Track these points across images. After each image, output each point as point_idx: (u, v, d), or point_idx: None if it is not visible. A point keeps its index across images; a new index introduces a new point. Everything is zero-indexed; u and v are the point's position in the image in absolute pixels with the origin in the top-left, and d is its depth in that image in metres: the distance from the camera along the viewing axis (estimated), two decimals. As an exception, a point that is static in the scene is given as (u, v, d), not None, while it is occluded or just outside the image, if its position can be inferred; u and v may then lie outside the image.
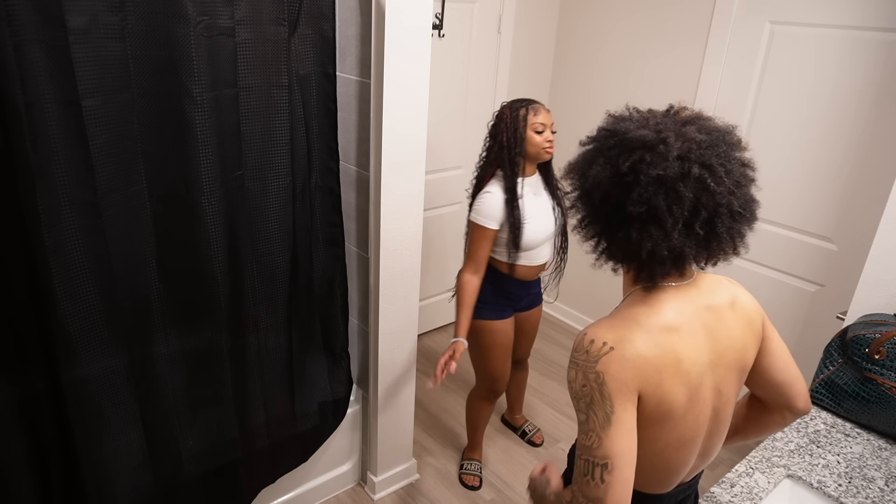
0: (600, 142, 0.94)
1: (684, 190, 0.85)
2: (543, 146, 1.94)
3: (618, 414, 0.88)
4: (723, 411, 1.03)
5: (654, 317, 0.93)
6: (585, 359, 0.91)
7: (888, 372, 1.45)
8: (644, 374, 0.89)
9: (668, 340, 0.91)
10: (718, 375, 0.99)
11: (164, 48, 1.38)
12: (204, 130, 1.46)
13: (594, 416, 0.89)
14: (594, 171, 0.92)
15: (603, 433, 0.88)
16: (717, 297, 1.01)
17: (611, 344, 0.89)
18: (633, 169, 0.87)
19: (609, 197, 0.90)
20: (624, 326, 0.92)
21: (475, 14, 2.94)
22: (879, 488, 1.33)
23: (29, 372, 1.38)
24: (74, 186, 1.32)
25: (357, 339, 2.19)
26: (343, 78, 1.89)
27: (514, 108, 1.94)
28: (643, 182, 0.86)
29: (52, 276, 1.31)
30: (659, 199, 0.86)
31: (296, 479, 2.13)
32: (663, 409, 0.92)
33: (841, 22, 2.29)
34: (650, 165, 0.86)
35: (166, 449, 1.64)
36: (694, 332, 0.95)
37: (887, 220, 1.60)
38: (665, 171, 0.85)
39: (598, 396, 0.89)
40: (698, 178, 0.85)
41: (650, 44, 2.91)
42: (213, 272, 1.58)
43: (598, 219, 0.94)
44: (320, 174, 1.84)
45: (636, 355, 0.89)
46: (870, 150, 2.31)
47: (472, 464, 2.44)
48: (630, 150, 0.88)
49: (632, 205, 0.87)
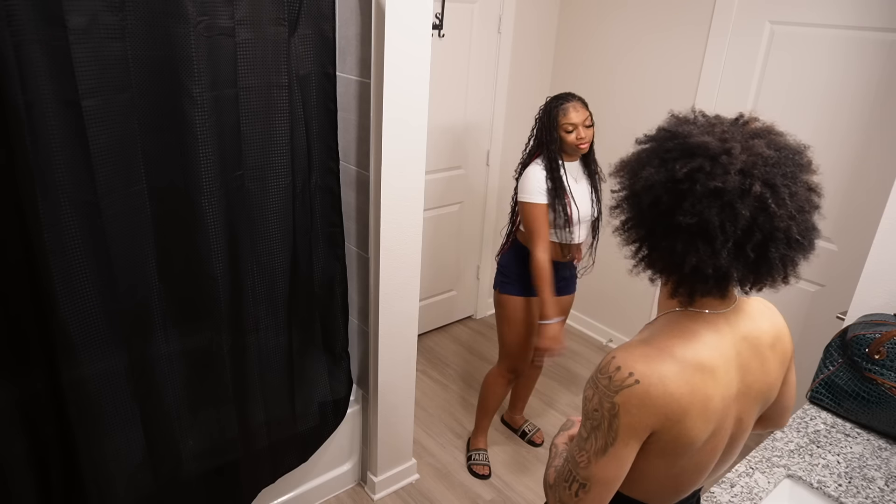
0: (658, 142, 0.87)
1: (741, 207, 0.79)
2: (575, 144, 2.02)
3: (617, 448, 0.86)
4: (739, 438, 1.01)
5: (691, 351, 0.87)
6: (607, 385, 0.86)
7: (888, 372, 1.45)
8: (666, 412, 0.85)
9: (701, 380, 0.87)
10: (742, 406, 0.96)
11: (164, 48, 1.38)
12: (204, 130, 1.46)
13: (593, 441, 0.88)
14: (647, 172, 0.85)
15: (594, 458, 0.88)
16: (758, 328, 0.96)
17: (637, 377, 0.84)
18: (689, 176, 0.81)
19: (659, 202, 0.84)
20: (658, 359, 0.86)
21: (475, 14, 2.94)
22: (879, 488, 1.33)
23: (29, 372, 1.38)
24: (74, 186, 1.32)
25: (357, 339, 2.19)
26: (343, 78, 1.89)
27: (549, 107, 2.05)
28: (698, 192, 0.80)
29: (52, 276, 1.31)
30: (712, 214, 0.79)
31: (296, 479, 2.13)
32: (683, 442, 0.89)
33: (841, 22, 2.29)
34: (709, 176, 0.79)
35: (166, 449, 1.64)
36: (728, 370, 0.91)
37: (887, 220, 1.60)
38: (724, 185, 0.79)
39: (605, 426, 0.86)
40: (759, 196, 0.79)
41: (650, 43, 2.91)
42: (213, 272, 1.58)
43: (643, 223, 0.88)
44: (320, 174, 1.84)
45: (663, 392, 0.84)
46: (870, 151, 2.31)
47: (480, 453, 2.49)
48: (690, 155, 0.82)
49: (682, 215, 0.81)
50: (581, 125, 2.01)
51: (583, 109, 2.02)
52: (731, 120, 0.89)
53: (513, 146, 3.37)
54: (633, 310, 3.25)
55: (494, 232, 3.49)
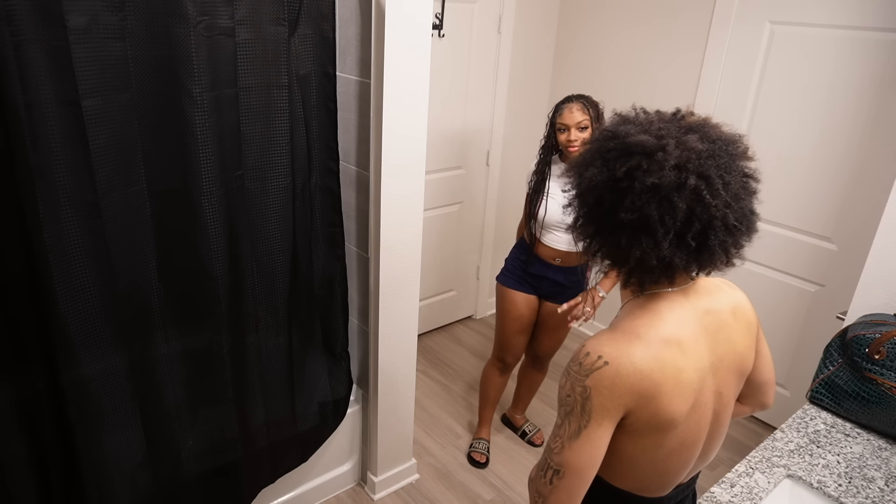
0: (601, 143, 0.92)
1: (678, 200, 0.84)
2: (564, 144, 2.06)
3: (590, 429, 0.89)
4: (723, 414, 1.03)
5: (654, 328, 0.92)
6: (577, 370, 0.90)
7: (888, 372, 1.45)
8: (639, 389, 0.88)
9: (669, 353, 0.90)
10: (719, 379, 0.99)
11: (164, 48, 1.38)
12: (204, 130, 1.46)
13: (567, 425, 0.91)
14: (590, 172, 0.90)
15: (568, 443, 0.90)
16: (717, 301, 1.00)
17: (606, 359, 0.88)
18: (628, 175, 0.86)
19: (602, 201, 0.89)
20: (623, 340, 0.91)
21: (475, 14, 2.94)
22: (879, 488, 1.33)
23: (29, 372, 1.38)
24: (74, 186, 1.32)
25: (357, 339, 2.19)
26: (343, 78, 1.89)
27: (554, 108, 2.10)
28: (637, 189, 0.85)
29: (52, 275, 1.31)
30: (651, 209, 0.84)
31: (296, 479, 2.13)
32: (663, 419, 0.91)
33: (841, 22, 2.29)
34: (646, 173, 0.84)
35: (166, 449, 1.64)
36: (696, 341, 0.94)
37: (887, 220, 1.60)
38: (660, 180, 0.84)
39: (577, 409, 0.89)
40: (694, 189, 0.84)
41: (650, 43, 2.91)
42: (213, 272, 1.58)
43: (591, 221, 0.93)
44: (320, 174, 1.84)
45: (632, 370, 0.88)
46: (869, 150, 2.31)
47: (480, 442, 2.54)
48: (628, 154, 0.87)
49: (624, 212, 0.86)
50: (574, 127, 2.02)
51: (580, 112, 2.02)
52: (669, 116, 0.94)
53: (513, 146, 3.37)
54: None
55: (494, 232, 3.49)
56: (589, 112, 2.04)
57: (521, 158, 3.39)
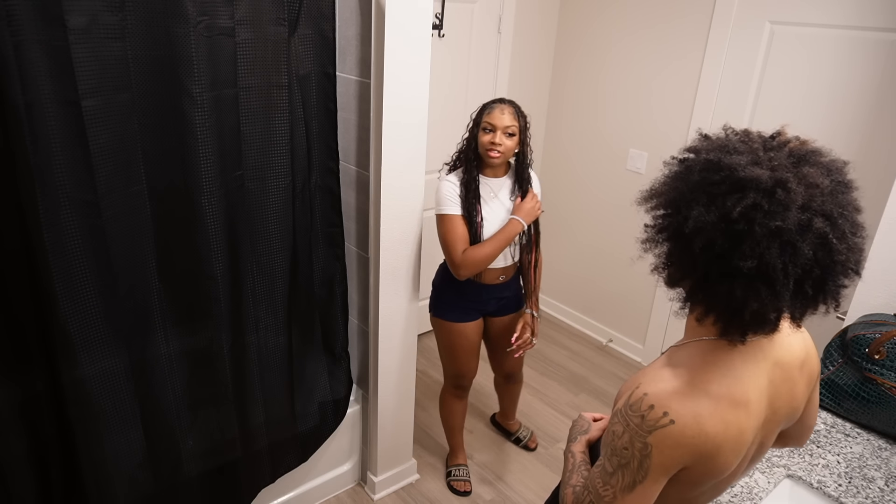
0: (703, 175, 0.79)
1: (803, 246, 0.73)
2: (486, 147, 1.87)
3: (646, 485, 0.84)
4: (756, 459, 0.99)
5: (726, 386, 0.83)
6: (639, 424, 0.83)
7: (888, 372, 1.45)
8: (701, 450, 0.82)
9: (735, 416, 0.84)
10: (767, 430, 0.93)
11: (164, 48, 1.38)
12: (204, 130, 1.46)
13: (620, 477, 0.85)
14: (697, 212, 0.77)
15: (621, 495, 0.85)
16: (788, 351, 0.92)
17: (672, 416, 0.80)
18: (745, 216, 0.73)
19: (713, 245, 0.76)
20: (691, 396, 0.82)
21: (475, 14, 2.94)
22: (879, 488, 1.33)
23: (29, 372, 1.38)
24: (74, 186, 1.32)
25: (357, 339, 2.19)
26: (343, 78, 1.89)
27: (482, 106, 1.92)
28: (758, 234, 0.73)
29: (52, 275, 1.31)
30: (773, 255, 0.73)
31: (296, 479, 2.13)
32: (713, 474, 0.87)
33: (841, 22, 2.29)
34: (767, 215, 0.73)
35: (166, 449, 1.64)
36: (760, 400, 0.88)
37: (887, 221, 1.60)
38: (784, 223, 0.72)
39: (635, 465, 0.84)
40: (820, 232, 0.73)
41: (650, 43, 2.91)
42: (213, 272, 1.58)
43: (695, 267, 0.80)
44: (320, 174, 1.84)
45: (698, 433, 0.81)
46: (869, 151, 2.31)
47: (460, 469, 2.40)
48: (741, 189, 0.75)
49: (741, 259, 0.74)
50: (501, 130, 1.85)
51: (511, 117, 1.86)
52: (768, 138, 0.83)
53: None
54: (632, 310, 3.25)
55: (494, 232, 3.49)
56: (518, 121, 1.88)
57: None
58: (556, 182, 3.49)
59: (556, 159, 3.47)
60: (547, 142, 3.52)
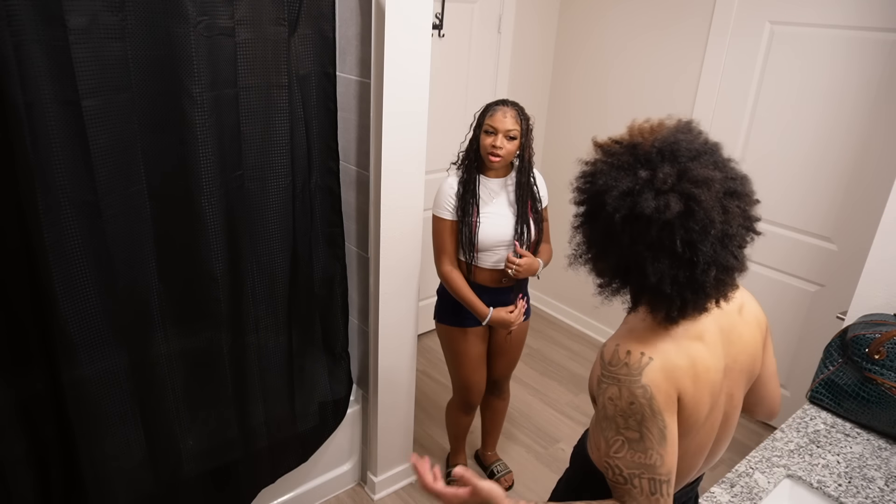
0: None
1: (730, 208, 0.82)
2: (487, 150, 1.85)
3: (669, 427, 0.86)
4: (732, 416, 1.02)
5: (682, 328, 0.90)
6: (627, 372, 0.86)
7: (888, 372, 1.45)
8: (680, 385, 0.86)
9: (695, 349, 0.89)
10: (731, 380, 0.98)
11: (164, 48, 1.38)
12: (204, 130, 1.46)
13: (649, 434, 0.86)
14: (609, 198, 0.85)
15: (662, 450, 0.86)
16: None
17: (649, 354, 0.86)
18: (684, 242, 0.82)
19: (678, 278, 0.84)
20: (654, 336, 0.88)
21: (475, 14, 2.94)
22: (879, 488, 1.33)
23: (29, 372, 1.38)
24: (74, 186, 1.32)
25: (357, 339, 2.19)
26: (343, 78, 1.89)
27: (484, 107, 1.90)
28: (705, 248, 0.81)
29: (52, 275, 1.31)
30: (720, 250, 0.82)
31: (296, 479, 2.13)
32: (693, 418, 0.90)
33: (841, 22, 2.29)
34: (697, 231, 0.81)
35: (166, 449, 1.64)
36: (714, 342, 0.93)
37: (887, 220, 1.60)
38: (713, 224, 0.81)
39: (649, 412, 0.85)
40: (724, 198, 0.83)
41: (650, 43, 2.91)
42: (213, 272, 1.58)
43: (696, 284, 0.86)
44: (320, 174, 1.84)
45: (673, 366, 0.86)
46: (870, 151, 2.31)
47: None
48: (618, 171, 0.86)
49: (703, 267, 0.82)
50: (503, 133, 1.81)
51: (513, 120, 1.82)
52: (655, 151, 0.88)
53: (513, 146, 3.37)
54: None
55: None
56: (521, 124, 1.84)
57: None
58: (557, 182, 3.48)
59: (557, 159, 3.47)
60: (547, 142, 3.52)
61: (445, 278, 1.97)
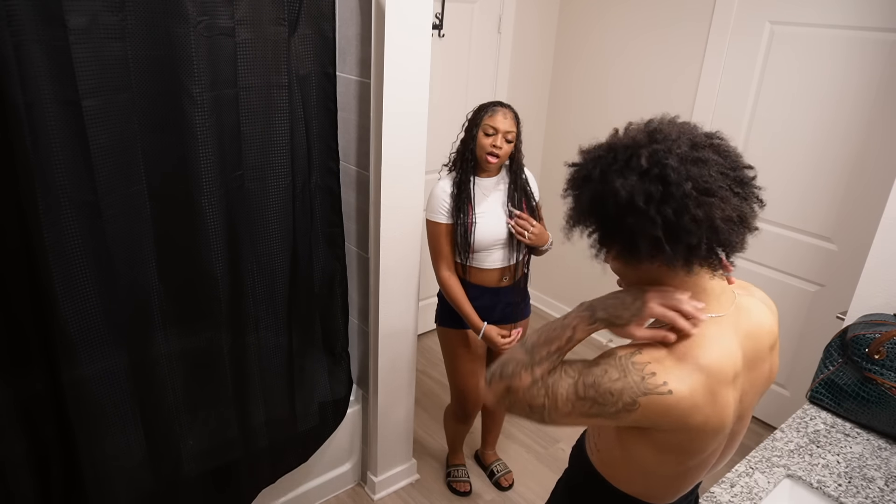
0: (597, 164, 0.88)
1: (707, 155, 0.84)
2: (487, 150, 1.85)
3: (603, 422, 0.89)
4: (739, 433, 1.01)
5: (713, 358, 0.87)
6: (638, 382, 0.84)
7: (888, 372, 1.45)
8: (688, 421, 0.85)
9: (722, 390, 0.87)
10: (746, 403, 0.97)
11: (164, 48, 1.38)
12: (204, 130, 1.46)
13: (587, 406, 0.87)
14: (619, 182, 0.84)
15: (571, 419, 0.90)
16: (758, 324, 0.97)
17: (671, 387, 0.84)
18: (653, 160, 0.83)
19: (650, 196, 0.83)
20: (688, 370, 0.85)
21: (475, 14, 2.94)
22: (879, 488, 1.33)
23: (29, 372, 1.38)
24: (74, 186, 1.32)
25: (357, 339, 2.19)
26: (343, 78, 1.89)
27: (479, 107, 1.91)
28: (672, 164, 0.82)
29: (52, 275, 1.31)
30: (696, 171, 0.82)
31: (296, 479, 2.13)
32: (696, 444, 0.89)
33: (841, 22, 2.29)
34: (667, 151, 0.83)
35: (166, 448, 1.64)
36: (740, 372, 0.91)
37: (887, 220, 1.60)
38: (681, 149, 0.83)
39: (611, 410, 0.86)
40: (707, 144, 0.85)
41: (650, 43, 2.91)
42: (213, 272, 1.58)
43: (653, 221, 0.84)
44: (320, 174, 1.84)
45: (691, 406, 0.84)
46: (870, 151, 2.31)
47: (459, 469, 2.38)
48: (632, 149, 0.86)
49: (680, 184, 0.81)
50: (503, 134, 1.84)
51: (511, 122, 1.85)
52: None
53: (513, 146, 3.37)
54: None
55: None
56: (517, 126, 1.88)
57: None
58: (557, 182, 3.48)
59: (557, 159, 3.46)
60: (547, 142, 3.52)
61: (443, 285, 1.98)
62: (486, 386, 0.96)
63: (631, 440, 0.94)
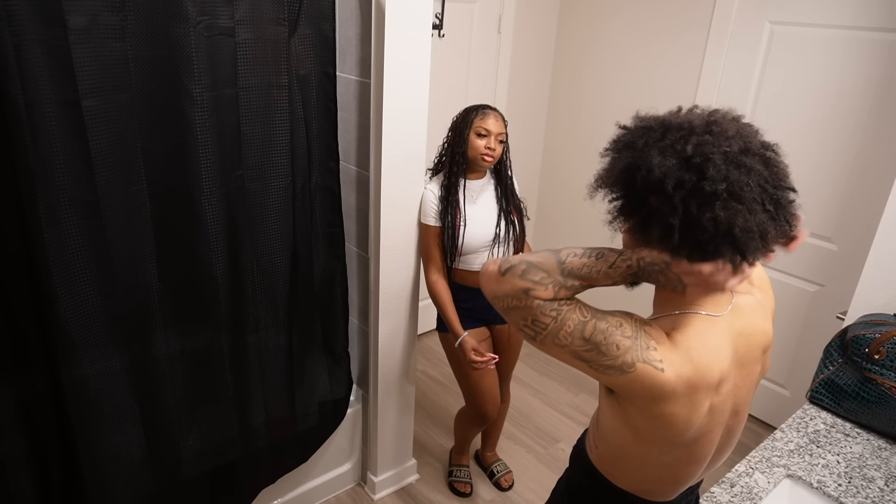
0: (645, 136, 0.86)
1: (753, 162, 0.81)
2: (481, 151, 1.87)
3: (589, 371, 0.89)
4: (736, 429, 1.02)
5: (705, 356, 0.89)
6: (644, 348, 0.86)
7: (888, 372, 1.45)
8: (661, 400, 0.87)
9: (702, 393, 0.89)
10: (739, 398, 0.98)
11: (164, 48, 1.38)
12: (204, 130, 1.46)
13: (584, 348, 0.87)
14: (657, 161, 0.82)
15: (563, 350, 0.89)
16: (751, 324, 0.98)
17: (664, 366, 0.85)
18: (698, 150, 0.81)
19: (683, 183, 0.81)
20: (681, 357, 0.87)
21: (475, 14, 2.94)
22: (879, 488, 1.33)
23: (29, 372, 1.38)
24: (74, 186, 1.32)
25: (357, 339, 2.19)
26: (343, 78, 1.89)
27: (467, 110, 1.92)
28: (716, 160, 0.80)
29: (51, 275, 1.31)
30: (735, 174, 0.80)
31: (296, 479, 2.13)
32: (674, 430, 0.90)
33: (841, 22, 2.29)
34: (714, 145, 0.81)
35: (166, 449, 1.64)
36: (730, 371, 0.93)
37: (887, 220, 1.60)
38: (730, 148, 0.81)
39: (606, 362, 0.86)
40: (759, 152, 0.83)
41: (650, 43, 2.91)
42: (213, 272, 1.58)
43: (674, 209, 0.82)
44: (320, 174, 1.84)
45: (672, 391, 0.86)
46: (870, 150, 2.31)
47: (462, 470, 2.38)
48: (684, 131, 0.84)
49: (712, 184, 0.79)
50: (495, 136, 1.86)
51: (501, 124, 1.88)
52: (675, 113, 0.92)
53: (512, 146, 3.36)
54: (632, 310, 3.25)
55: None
56: (506, 128, 1.90)
57: (519, 158, 3.39)
58: (556, 182, 3.49)
59: (557, 160, 3.47)
60: (547, 142, 3.52)
61: (430, 288, 2.00)
62: (496, 271, 0.92)
63: (616, 422, 0.96)
